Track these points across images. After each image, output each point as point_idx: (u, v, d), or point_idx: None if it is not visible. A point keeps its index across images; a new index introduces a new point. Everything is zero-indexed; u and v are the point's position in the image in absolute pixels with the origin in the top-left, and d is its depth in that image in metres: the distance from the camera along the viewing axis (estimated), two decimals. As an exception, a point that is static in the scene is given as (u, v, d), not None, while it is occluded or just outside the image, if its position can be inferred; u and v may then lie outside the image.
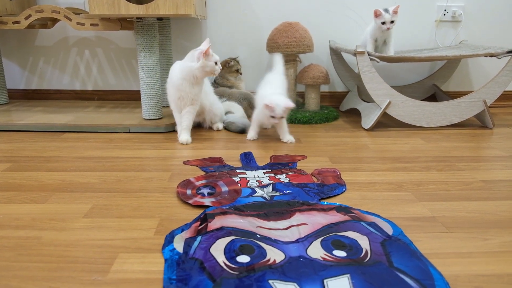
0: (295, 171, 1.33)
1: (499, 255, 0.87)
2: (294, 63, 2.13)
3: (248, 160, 1.45)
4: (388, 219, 1.00)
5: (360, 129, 1.90)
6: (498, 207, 1.09)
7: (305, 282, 0.76)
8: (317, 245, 0.89)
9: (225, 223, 0.97)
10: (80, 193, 1.17)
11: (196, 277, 0.78)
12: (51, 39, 2.31)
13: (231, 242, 0.89)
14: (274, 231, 0.95)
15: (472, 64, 2.38)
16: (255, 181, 1.24)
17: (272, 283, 0.76)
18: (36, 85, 2.38)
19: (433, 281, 0.76)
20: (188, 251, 0.86)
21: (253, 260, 0.83)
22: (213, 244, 0.89)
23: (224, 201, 1.11)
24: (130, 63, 2.35)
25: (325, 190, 1.19)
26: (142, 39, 1.76)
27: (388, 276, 0.78)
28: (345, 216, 1.01)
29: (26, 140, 1.67)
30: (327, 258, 0.84)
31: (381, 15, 1.87)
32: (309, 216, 1.02)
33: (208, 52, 1.56)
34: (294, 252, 0.86)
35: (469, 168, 1.39)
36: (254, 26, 2.29)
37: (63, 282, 0.76)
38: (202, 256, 0.84)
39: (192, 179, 1.26)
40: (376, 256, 0.84)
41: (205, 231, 0.94)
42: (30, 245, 0.89)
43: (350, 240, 0.91)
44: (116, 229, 0.96)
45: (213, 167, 1.39)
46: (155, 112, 1.87)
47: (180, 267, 0.81)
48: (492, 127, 1.91)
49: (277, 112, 1.55)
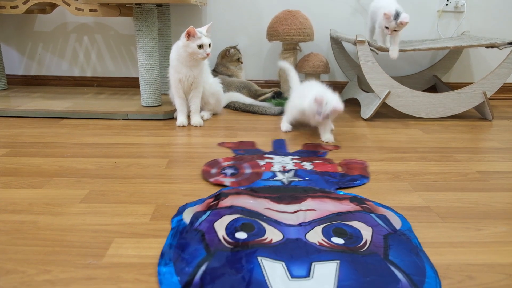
0: (323, 160, 1.35)
1: (491, 245, 0.87)
2: (294, 52, 2.12)
3: (279, 146, 1.48)
4: (400, 214, 0.99)
5: (359, 119, 1.89)
6: (493, 198, 1.09)
7: (292, 263, 0.79)
8: (317, 231, 0.90)
9: (236, 203, 1.02)
10: (77, 178, 1.17)
11: (194, 246, 0.84)
12: (50, 25, 2.30)
13: (235, 220, 0.93)
14: (281, 214, 0.98)
15: (473, 55, 2.36)
16: (280, 166, 1.28)
17: (260, 259, 0.79)
18: (35, 71, 2.37)
19: (424, 278, 0.76)
20: (194, 223, 0.92)
21: (249, 237, 0.87)
22: (219, 219, 0.94)
23: (243, 182, 1.15)
24: (129, 50, 2.34)
25: (346, 180, 1.19)
26: (141, 26, 1.75)
27: (379, 267, 0.78)
28: (357, 206, 1.02)
29: (24, 126, 1.67)
30: (324, 243, 0.86)
31: (389, 19, 1.69)
32: (320, 203, 1.03)
33: (190, 33, 1.54)
34: (293, 234, 0.89)
35: (466, 159, 1.39)
36: (254, 14, 2.27)
37: (58, 266, 0.77)
38: (205, 229, 0.90)
39: (220, 159, 1.33)
40: (374, 247, 0.85)
41: (215, 208, 0.99)
42: (26, 229, 0.90)
43: (352, 230, 0.91)
44: (112, 215, 0.97)
45: (245, 150, 1.43)
46: (154, 99, 1.86)
47: (182, 236, 0.87)
48: (491, 119, 1.90)
49: (324, 110, 1.42)
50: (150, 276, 0.75)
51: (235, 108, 2.01)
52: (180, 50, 1.60)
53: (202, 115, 1.81)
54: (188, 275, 0.75)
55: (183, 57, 1.61)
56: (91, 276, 0.74)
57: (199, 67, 1.66)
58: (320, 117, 1.45)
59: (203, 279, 0.74)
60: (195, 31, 1.54)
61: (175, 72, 1.66)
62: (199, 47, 1.57)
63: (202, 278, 0.74)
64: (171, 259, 0.80)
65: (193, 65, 1.63)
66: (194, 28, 1.54)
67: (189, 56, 1.60)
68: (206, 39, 1.58)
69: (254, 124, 1.77)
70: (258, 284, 0.73)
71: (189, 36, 1.56)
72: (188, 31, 1.54)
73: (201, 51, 1.57)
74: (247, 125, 1.75)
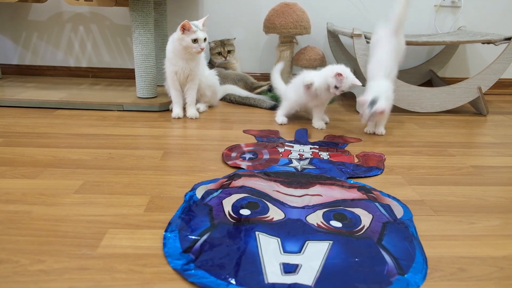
0: (341, 151, 1.37)
1: (483, 238, 0.88)
2: (291, 45, 2.11)
3: (301, 136, 1.52)
4: (404, 204, 1.01)
5: (354, 113, 1.90)
6: (486, 192, 1.10)
7: (287, 240, 0.84)
8: (319, 214, 0.94)
9: (247, 183, 1.08)
10: (72, 169, 1.17)
11: (200, 218, 0.91)
12: (45, 14, 2.27)
13: (243, 198, 1.00)
14: (288, 196, 1.03)
15: (469, 50, 2.37)
16: (297, 154, 1.32)
17: (257, 234, 0.86)
18: (29, 61, 2.35)
19: (412, 263, 0.78)
20: (205, 198, 1.00)
21: (252, 214, 0.93)
22: (228, 197, 1.01)
23: (258, 166, 1.21)
24: (125, 41, 2.32)
25: (359, 171, 1.21)
26: (137, 16, 1.73)
27: (369, 250, 0.81)
28: (363, 195, 1.04)
29: (18, 116, 1.66)
30: (322, 225, 0.90)
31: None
32: (327, 190, 1.07)
33: (185, 27, 1.53)
34: (295, 215, 0.94)
35: (460, 153, 1.40)
36: (251, 6, 2.25)
37: (52, 256, 0.77)
38: (214, 204, 0.97)
39: (242, 144, 1.40)
40: (370, 232, 0.88)
41: (227, 187, 1.06)
42: (20, 219, 0.89)
43: (353, 215, 0.94)
44: (106, 205, 0.96)
45: (268, 138, 1.49)
46: (150, 91, 1.85)
47: (192, 209, 0.95)
48: (486, 114, 1.91)
49: (344, 83, 1.48)
50: (144, 267, 0.75)
51: (230, 100, 2.00)
52: (176, 43, 1.58)
53: (198, 107, 1.81)
54: (190, 241, 0.82)
55: (178, 50, 1.60)
56: (85, 267, 0.74)
57: (196, 60, 1.65)
58: (338, 91, 1.51)
59: (203, 246, 0.81)
60: (190, 24, 1.53)
61: (171, 64, 1.64)
62: (194, 41, 1.55)
63: (202, 245, 0.81)
64: (177, 226, 0.88)
65: (189, 58, 1.62)
66: (189, 22, 1.52)
67: (184, 50, 1.58)
68: (201, 34, 1.55)
69: (250, 117, 1.77)
70: (251, 254, 0.79)
71: (184, 30, 1.54)
72: (183, 25, 1.52)
73: (196, 45, 1.56)
74: (243, 118, 1.75)
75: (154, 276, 0.73)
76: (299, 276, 0.73)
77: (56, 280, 0.71)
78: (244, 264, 0.76)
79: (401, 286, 0.72)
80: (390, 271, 0.75)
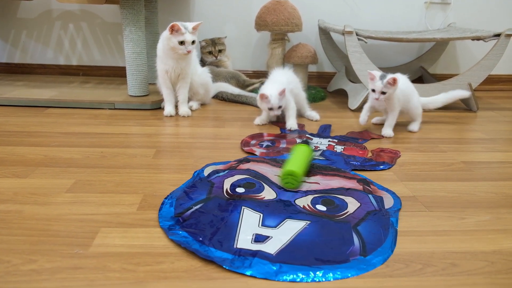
0: (358, 146, 1.39)
1: (474, 233, 0.89)
2: (283, 42, 2.11)
3: (323, 130, 1.57)
4: (398, 197, 1.03)
5: (346, 110, 1.90)
6: (476, 188, 1.12)
7: (269, 216, 0.91)
8: (308, 198, 1.00)
9: (252, 167, 1.16)
10: (63, 168, 1.16)
11: (200, 191, 1.01)
12: (34, 12, 2.24)
13: (243, 179, 1.08)
14: None
15: (459, 47, 2.39)
16: (313, 146, 1.37)
17: (243, 208, 0.93)
18: (18, 59, 2.32)
19: (377, 247, 0.81)
20: (211, 176, 1.10)
21: (246, 192, 1.01)
22: (231, 177, 1.09)
23: (271, 154, 1.28)
24: (116, 39, 2.30)
25: (367, 164, 1.23)
26: (128, 14, 1.72)
27: (341, 232, 0.86)
28: (360, 187, 1.07)
29: (8, 114, 1.64)
30: (307, 207, 0.95)
31: (373, 80, 1.46)
32: (327, 179, 1.10)
33: (174, 27, 1.52)
34: (285, 197, 1.00)
35: (451, 149, 1.41)
36: (243, 3, 2.25)
37: (43, 255, 0.76)
38: (216, 182, 1.06)
39: (264, 133, 1.49)
40: (351, 218, 0.91)
41: (234, 169, 1.14)
42: (11, 218, 0.88)
43: (341, 202, 0.98)
44: (98, 204, 0.96)
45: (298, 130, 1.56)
46: (141, 89, 1.84)
47: (195, 184, 1.05)
48: (476, 110, 1.93)
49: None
50: (137, 265, 0.75)
51: (223, 98, 2.00)
52: (165, 41, 1.58)
53: (191, 105, 1.80)
54: (183, 209, 0.93)
55: (167, 50, 1.59)
56: (77, 266, 0.74)
57: (186, 60, 1.64)
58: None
59: (193, 214, 0.91)
60: (179, 26, 1.51)
61: (162, 63, 1.64)
62: (180, 43, 1.54)
63: (192, 213, 0.91)
64: (176, 196, 0.98)
65: (178, 57, 1.60)
66: (179, 24, 1.51)
67: (172, 50, 1.58)
68: (189, 36, 1.54)
69: (242, 115, 1.77)
70: (231, 224, 0.87)
71: (173, 31, 1.53)
72: (172, 26, 1.51)
73: (182, 47, 1.54)
74: (235, 115, 1.75)
75: (148, 274, 0.73)
76: (265, 245, 0.80)
77: (49, 279, 0.70)
78: (221, 231, 0.85)
79: (356, 264, 0.76)
80: (353, 251, 0.80)
